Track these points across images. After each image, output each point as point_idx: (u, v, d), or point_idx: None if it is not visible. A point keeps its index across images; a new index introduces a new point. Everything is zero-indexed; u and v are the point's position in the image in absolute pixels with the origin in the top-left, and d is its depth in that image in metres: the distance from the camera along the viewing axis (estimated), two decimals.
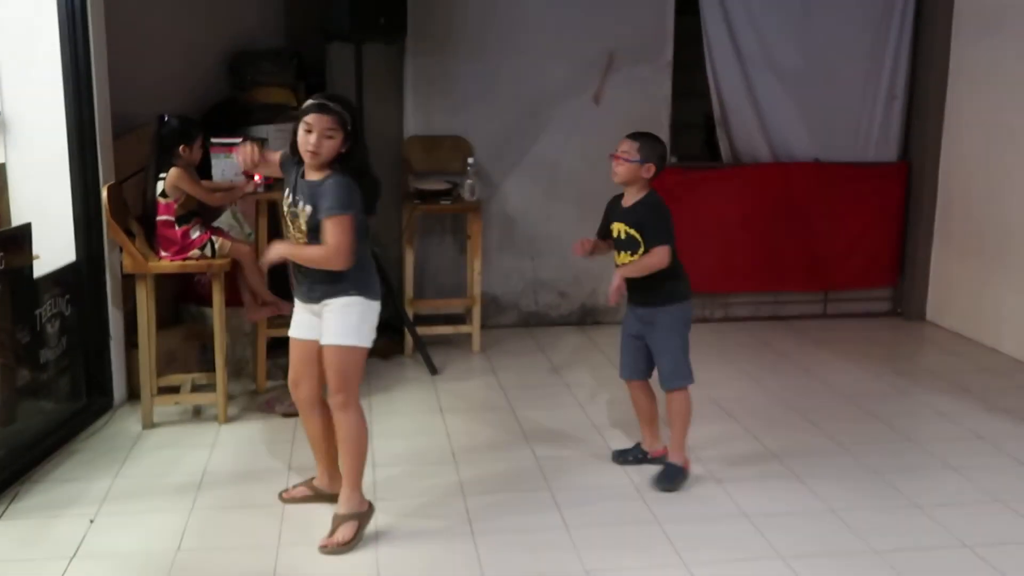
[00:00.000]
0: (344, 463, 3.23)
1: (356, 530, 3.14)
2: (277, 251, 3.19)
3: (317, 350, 3.18)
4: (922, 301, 6.07)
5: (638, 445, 3.85)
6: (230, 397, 4.35)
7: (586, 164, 5.69)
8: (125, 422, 4.22)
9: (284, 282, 4.72)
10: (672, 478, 3.60)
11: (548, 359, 5.20)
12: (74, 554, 3.07)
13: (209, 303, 4.29)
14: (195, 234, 4.14)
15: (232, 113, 5.12)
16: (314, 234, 3.10)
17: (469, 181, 5.22)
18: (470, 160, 5.31)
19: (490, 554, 3.09)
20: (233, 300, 4.39)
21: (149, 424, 4.15)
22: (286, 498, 3.49)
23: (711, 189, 5.82)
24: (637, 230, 3.58)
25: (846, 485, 3.63)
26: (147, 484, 3.61)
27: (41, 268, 3.84)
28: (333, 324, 3.13)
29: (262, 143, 4.57)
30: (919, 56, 5.98)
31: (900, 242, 6.14)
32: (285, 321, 4.67)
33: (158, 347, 4.22)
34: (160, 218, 4.10)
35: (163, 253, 4.11)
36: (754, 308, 6.10)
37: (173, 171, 4.05)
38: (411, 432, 4.17)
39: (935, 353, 5.53)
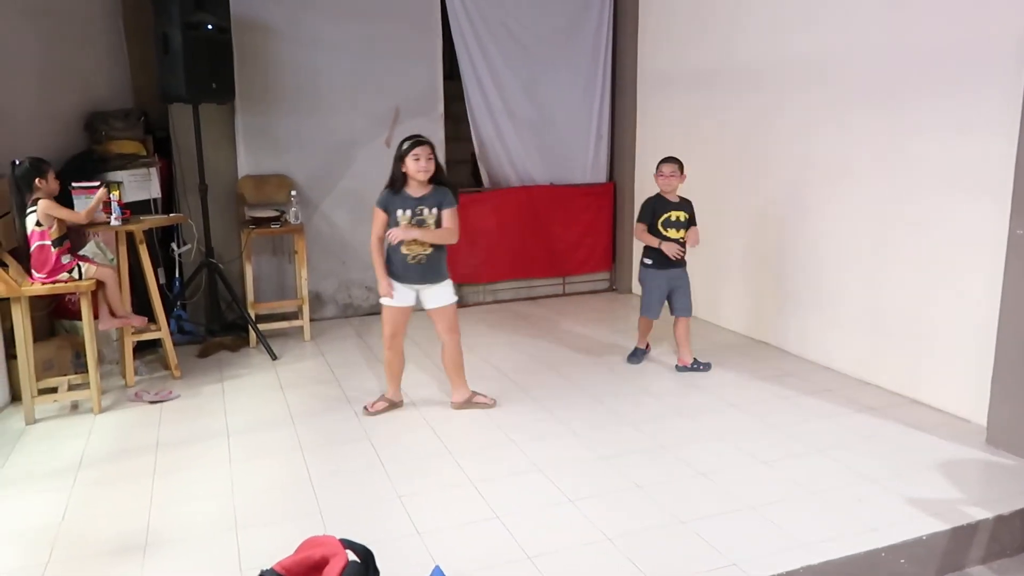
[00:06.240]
0: (456, 370, 3.82)
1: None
2: (411, 233, 3.55)
3: (409, 312, 3.72)
4: (629, 279, 6.41)
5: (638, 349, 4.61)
6: (103, 392, 4.04)
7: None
8: (9, 421, 3.82)
9: (144, 300, 4.44)
10: (703, 367, 4.39)
11: (363, 340, 5.15)
12: None
13: (79, 318, 3.95)
14: (66, 259, 3.82)
15: (91, 162, 4.72)
16: (439, 225, 3.62)
17: (293, 209, 5.08)
18: (293, 192, 5.16)
19: (324, 489, 3.06)
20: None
21: (31, 420, 3.78)
22: (371, 411, 3.82)
23: (478, 207, 5.94)
24: (690, 215, 4.34)
25: (583, 408, 3.84)
26: (32, 470, 3.30)
27: None
28: (442, 293, 3.71)
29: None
30: (616, 108, 6.35)
31: (611, 238, 6.47)
32: (146, 328, 4.40)
33: (36, 356, 3.85)
34: (37, 244, 3.74)
35: (37, 274, 3.76)
36: (514, 292, 6.29)
37: (42, 203, 3.73)
38: (258, 405, 4.03)
39: (637, 315, 5.82)
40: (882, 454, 3.32)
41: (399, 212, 3.59)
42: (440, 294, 3.72)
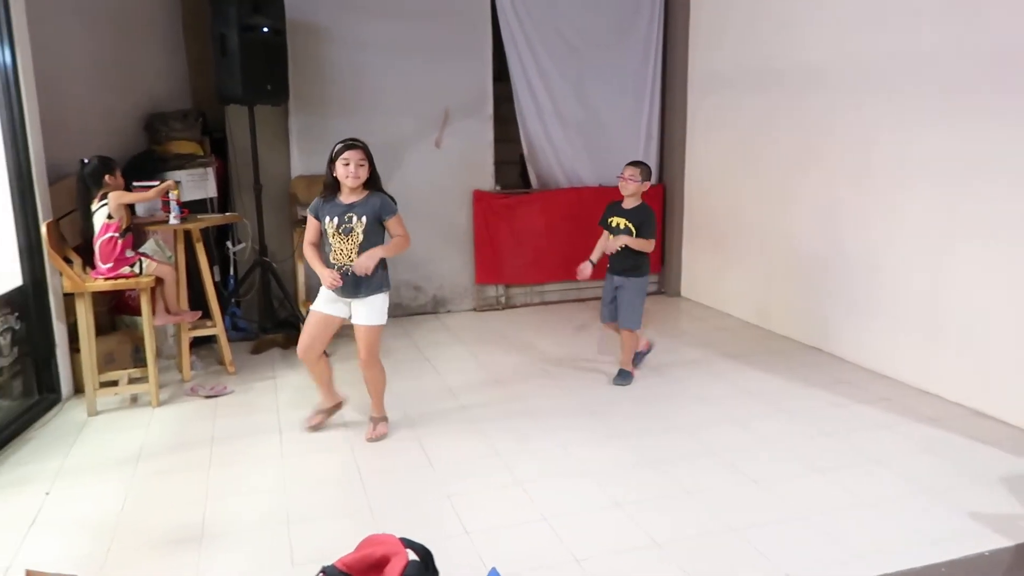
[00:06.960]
0: (375, 392, 3.63)
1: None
2: (373, 257, 3.34)
3: (336, 323, 3.49)
4: (678, 282, 6.38)
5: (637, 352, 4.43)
6: (161, 386, 4.16)
7: (432, 191, 5.74)
8: (72, 413, 3.96)
9: (200, 297, 4.55)
10: (625, 378, 4.24)
11: (412, 341, 5.20)
12: (33, 522, 2.89)
13: (139, 313, 4.08)
14: (129, 253, 3.98)
15: (150, 162, 4.86)
16: (369, 235, 3.35)
17: None
18: None
19: (374, 487, 3.11)
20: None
21: (93, 412, 3.91)
22: (313, 425, 3.69)
23: (526, 208, 5.96)
24: (635, 224, 4.08)
25: (632, 413, 3.82)
26: (94, 460, 3.42)
27: None
28: (366, 309, 3.42)
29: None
30: (666, 109, 6.29)
31: (661, 241, 6.42)
32: (202, 324, 4.50)
33: (98, 350, 3.98)
34: (105, 236, 3.88)
35: (102, 265, 3.90)
36: (561, 294, 6.27)
37: (112, 194, 3.88)
38: (309, 401, 4.05)
39: (687, 319, 5.78)
40: (942, 466, 3.23)
41: (327, 219, 3.37)
42: (362, 310, 3.42)
